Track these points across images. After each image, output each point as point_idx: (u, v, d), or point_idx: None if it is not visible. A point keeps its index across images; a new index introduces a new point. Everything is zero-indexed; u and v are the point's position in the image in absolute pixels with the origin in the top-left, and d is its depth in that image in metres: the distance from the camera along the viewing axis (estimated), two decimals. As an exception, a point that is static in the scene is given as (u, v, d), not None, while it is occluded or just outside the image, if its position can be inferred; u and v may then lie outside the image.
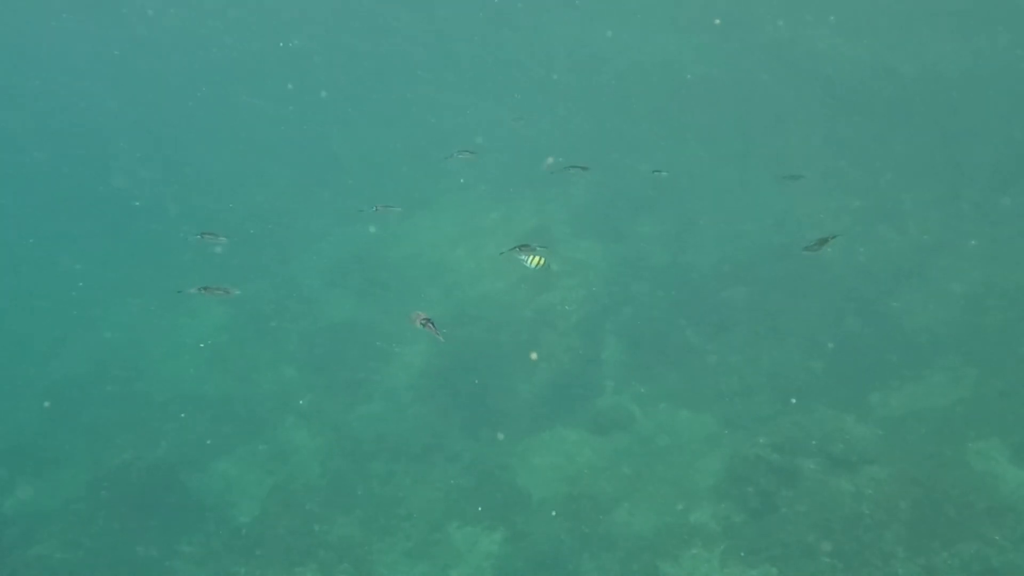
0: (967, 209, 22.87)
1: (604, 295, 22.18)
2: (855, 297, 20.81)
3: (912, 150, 25.42)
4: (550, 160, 18.30)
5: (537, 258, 11.26)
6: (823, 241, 12.26)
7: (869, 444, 16.34)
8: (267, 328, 23.22)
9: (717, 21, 31.97)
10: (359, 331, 22.51)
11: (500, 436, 18.60)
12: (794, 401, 18.19)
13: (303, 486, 18.06)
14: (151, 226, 28.28)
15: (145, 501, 17.80)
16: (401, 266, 25.11)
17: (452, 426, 19.09)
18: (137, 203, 29.81)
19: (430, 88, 35.20)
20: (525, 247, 11.11)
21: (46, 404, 21.14)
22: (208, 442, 19.39)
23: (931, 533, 14.20)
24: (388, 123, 33.91)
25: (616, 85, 32.14)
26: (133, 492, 18.04)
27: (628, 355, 20.64)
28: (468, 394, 19.78)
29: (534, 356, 20.22)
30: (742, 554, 14.90)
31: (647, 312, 21.56)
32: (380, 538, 16.52)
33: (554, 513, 16.48)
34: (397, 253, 25.78)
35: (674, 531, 15.66)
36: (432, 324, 7.62)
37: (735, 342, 20.18)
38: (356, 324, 22.86)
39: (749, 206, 25.07)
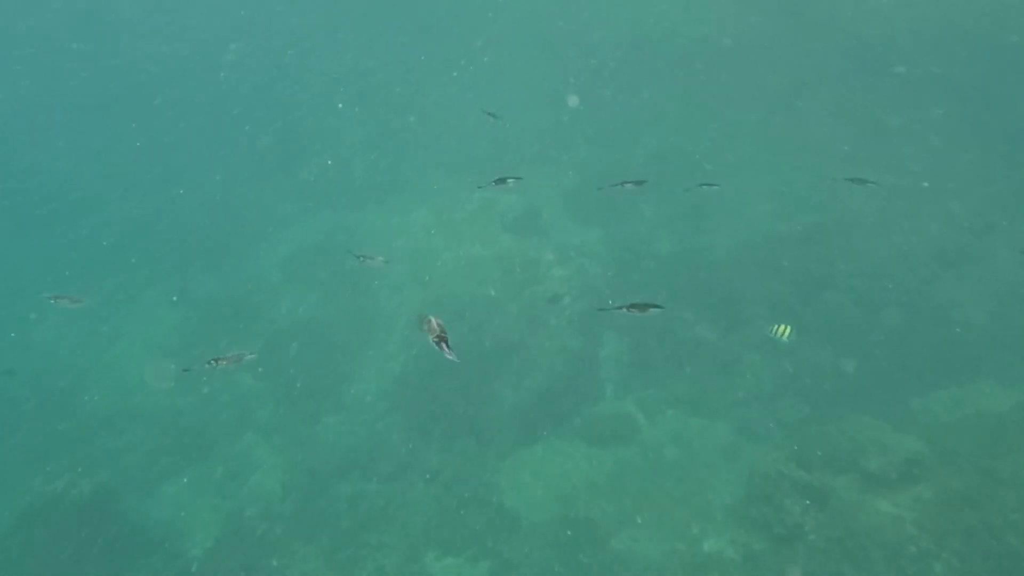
0: (1017, 185, 21.90)
1: (602, 286, 21.48)
2: (892, 287, 19.89)
3: (955, 118, 24.36)
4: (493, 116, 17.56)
5: (783, 328, 11.52)
6: (859, 181, 11.38)
7: (911, 458, 15.42)
8: (222, 330, 22.75)
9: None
10: (325, 332, 22.10)
11: (485, 450, 18.16)
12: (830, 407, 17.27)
13: (262, 512, 17.65)
14: (89, 219, 27.72)
15: (83, 535, 17.22)
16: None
17: (430, 439, 18.56)
18: (74, 195, 29.31)
19: (402, 64, 34.51)
20: (501, 180, 11.34)
21: (-32, 421, 20.54)
22: (156, 463, 19.16)
23: (988, 566, 13.25)
24: (358, 102, 33.49)
25: (615, 53, 31.23)
26: (70, 525, 17.44)
27: (630, 354, 19.92)
28: (448, 402, 19.11)
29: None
30: (764, 588, 14.28)
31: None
32: (348, 571, 16.04)
33: (547, 539, 15.88)
34: (367, 244, 25.24)
35: (686, 560, 15.00)
36: (447, 344, 7.04)
37: (753, 339, 19.45)
38: (321, 324, 22.44)
39: (767, 185, 24.20)
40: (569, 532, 15.90)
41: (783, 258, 21.16)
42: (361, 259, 14.24)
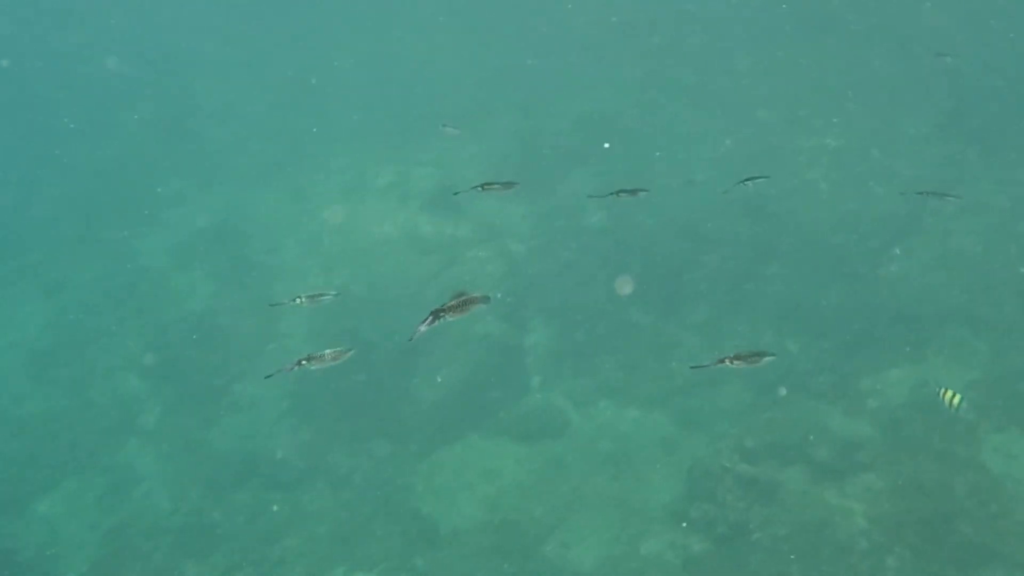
0: (972, 148, 22.14)
1: (527, 266, 21.51)
2: (838, 260, 19.98)
3: (903, 78, 24.69)
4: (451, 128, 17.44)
5: (951, 393, 11.19)
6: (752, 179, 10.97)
7: (862, 445, 15.50)
8: (103, 325, 22.58)
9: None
10: (220, 325, 21.90)
11: (400, 451, 18.02)
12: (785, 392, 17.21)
13: (149, 527, 17.43)
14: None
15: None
16: (273, 240, 24.52)
17: (338, 441, 18.50)
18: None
19: (304, 24, 34.59)
20: (490, 185, 9.96)
21: None
22: (24, 478, 18.87)
23: (943, 558, 13.39)
24: (254, 68, 33.33)
25: (541, 17, 31.14)
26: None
27: (559, 341, 19.86)
28: (359, 399, 18.99)
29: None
30: (707, 593, 14.22)
31: (582, 286, 20.69)
32: (247, 591, 15.88)
33: (470, 548, 15.81)
34: (267, 224, 25.20)
35: (621, 565, 14.96)
36: (436, 319, 6.41)
37: (692, 320, 19.51)
38: (216, 316, 22.23)
39: (703, 152, 24.19)
40: (494, 539, 15.79)
41: (723, 231, 21.15)
42: (299, 300, 9.97)
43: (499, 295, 19.52)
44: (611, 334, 19.59)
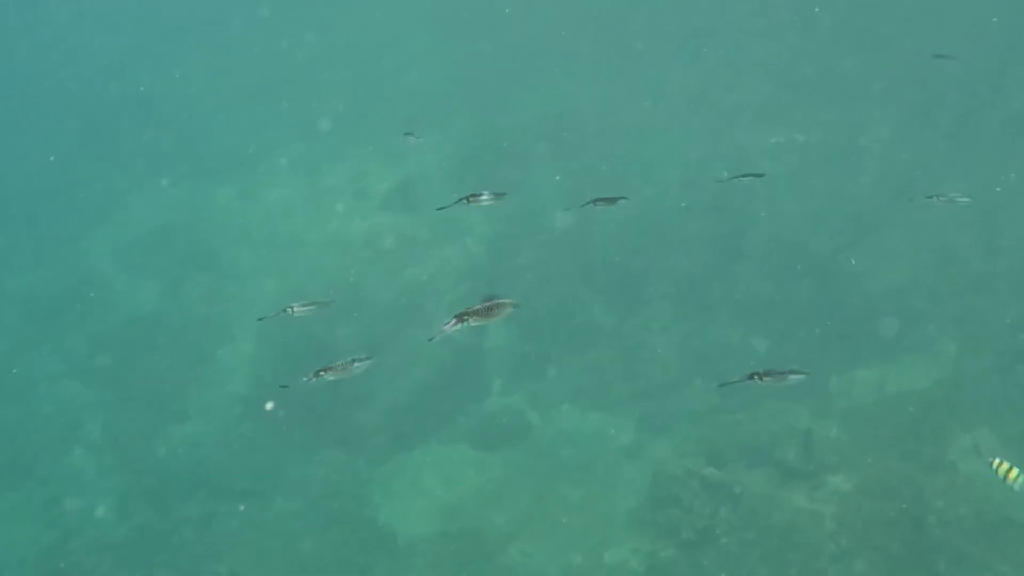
0: (938, 141, 22.21)
1: (486, 266, 21.48)
2: (804, 256, 19.96)
3: (868, 71, 24.69)
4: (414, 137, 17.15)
5: (1007, 466, 10.43)
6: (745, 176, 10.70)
7: (830, 446, 15.57)
8: (45, 330, 22.56)
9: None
10: (168, 329, 21.87)
11: (355, 458, 18.01)
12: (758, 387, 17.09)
13: (91, 543, 17.21)
14: None
15: None
16: (223, 241, 24.55)
17: (291, 449, 18.41)
18: None
19: (258, 17, 34.49)
20: (474, 196, 8.70)
21: None
22: None
23: (913, 561, 13.47)
24: (210, 61, 33.24)
25: (506, 4, 31.08)
26: None
27: (520, 343, 19.83)
28: (312, 405, 18.50)
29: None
30: (672, 601, 14.30)
31: (543, 286, 20.49)
32: (195, 608, 15.91)
33: (428, 558, 15.76)
34: (218, 224, 25.16)
35: (585, 574, 15.00)
36: (460, 322, 6.19)
37: (656, 320, 19.59)
38: (164, 320, 22.22)
39: (666, 147, 24.16)
40: (453, 548, 15.71)
41: (688, 229, 21.08)
42: (289, 311, 9.77)
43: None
44: (574, 336, 19.60)
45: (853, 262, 19.57)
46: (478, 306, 6.32)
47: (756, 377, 7.31)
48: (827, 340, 18.13)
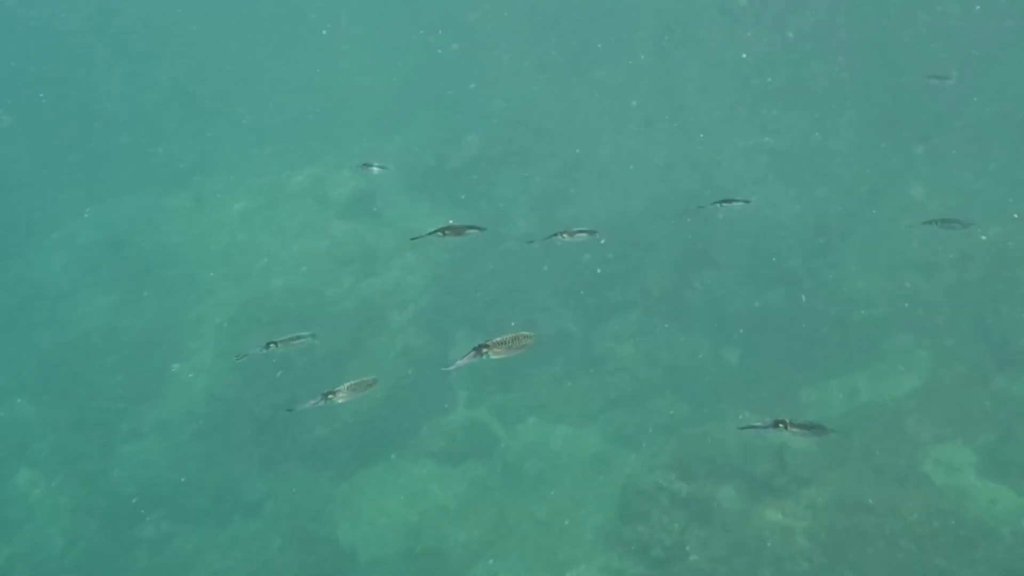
0: (912, 146, 22.19)
1: (451, 276, 21.11)
2: (775, 265, 19.82)
3: (841, 74, 24.67)
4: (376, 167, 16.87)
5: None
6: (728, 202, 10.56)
7: (802, 459, 15.31)
8: None
9: None
10: (121, 344, 21.29)
11: (315, 475, 17.71)
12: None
13: (37, 569, 17.01)
14: None
15: None
16: (177, 252, 24.11)
17: (250, 466, 18.11)
18: None
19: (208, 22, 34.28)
20: (451, 228, 8.81)
21: None
22: None
23: None
24: (165, 66, 32.83)
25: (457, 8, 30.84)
26: None
27: None
28: (270, 421, 18.33)
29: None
30: (642, 622, 14.22)
31: (508, 295, 20.33)
32: (147, 635, 15.72)
33: None
34: (171, 235, 24.79)
35: None
36: (478, 354, 6.14)
37: (624, 329, 19.30)
38: (116, 334, 21.65)
39: (635, 151, 23.99)
40: (416, 568, 15.59)
41: (656, 235, 20.91)
42: (272, 346, 9.25)
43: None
44: (539, 346, 19.04)
45: (835, 255, 19.54)
46: (499, 338, 6.14)
47: (781, 425, 7.28)
48: (798, 350, 18.02)
